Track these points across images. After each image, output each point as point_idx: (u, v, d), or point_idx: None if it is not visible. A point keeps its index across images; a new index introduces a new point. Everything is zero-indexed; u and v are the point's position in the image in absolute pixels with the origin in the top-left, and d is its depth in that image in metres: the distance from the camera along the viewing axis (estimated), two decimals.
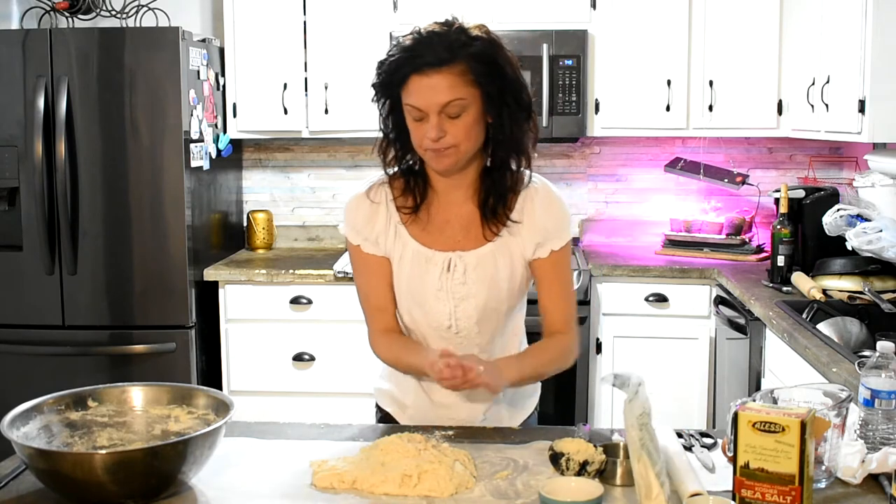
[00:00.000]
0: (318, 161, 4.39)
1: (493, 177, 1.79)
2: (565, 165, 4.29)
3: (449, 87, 1.65)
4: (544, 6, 3.86)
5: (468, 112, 1.68)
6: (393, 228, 1.81)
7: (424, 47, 1.65)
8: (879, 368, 1.55)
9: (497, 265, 1.79)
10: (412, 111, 1.68)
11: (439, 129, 1.66)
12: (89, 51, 3.53)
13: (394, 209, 1.81)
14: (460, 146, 1.70)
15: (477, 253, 1.79)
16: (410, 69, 1.65)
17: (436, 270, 1.79)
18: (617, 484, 1.47)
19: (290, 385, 3.79)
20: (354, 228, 1.83)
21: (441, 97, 1.65)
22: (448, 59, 1.64)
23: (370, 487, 1.46)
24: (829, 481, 1.47)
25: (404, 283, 1.82)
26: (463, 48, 1.66)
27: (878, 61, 2.91)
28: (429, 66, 1.64)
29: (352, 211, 1.84)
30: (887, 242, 2.92)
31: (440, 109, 1.65)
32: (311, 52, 3.94)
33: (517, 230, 1.80)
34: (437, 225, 1.81)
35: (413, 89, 1.66)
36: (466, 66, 1.65)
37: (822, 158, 4.15)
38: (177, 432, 1.60)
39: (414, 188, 1.80)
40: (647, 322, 3.70)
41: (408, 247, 1.80)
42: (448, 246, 1.80)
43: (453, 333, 1.82)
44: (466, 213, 1.81)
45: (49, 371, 3.58)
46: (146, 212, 3.59)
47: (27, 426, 1.51)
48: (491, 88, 1.68)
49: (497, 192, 1.78)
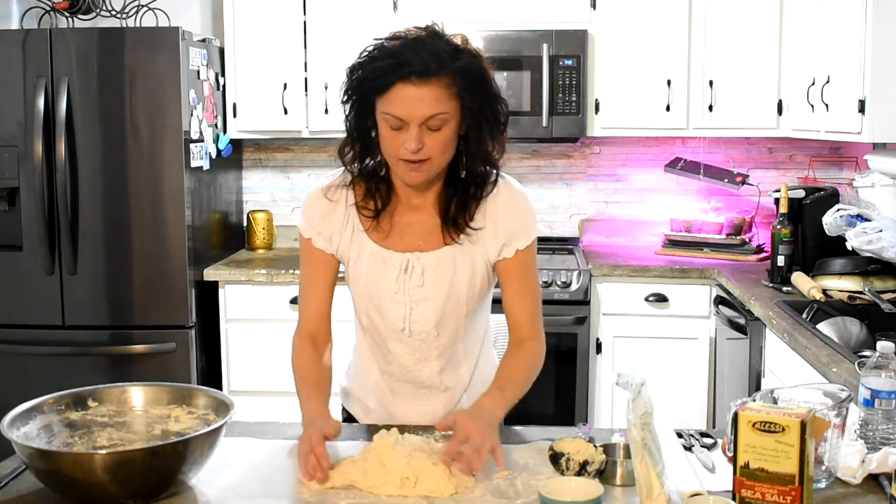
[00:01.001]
0: (318, 161, 4.39)
1: (456, 186, 1.75)
2: (565, 165, 4.30)
3: (435, 100, 1.60)
4: (544, 6, 3.86)
5: (448, 126, 1.64)
6: (350, 229, 1.78)
7: (412, 55, 1.59)
8: (879, 368, 1.55)
9: (457, 267, 1.76)
10: (390, 120, 1.62)
11: (419, 140, 1.61)
12: (89, 51, 3.53)
13: (353, 211, 1.78)
14: (434, 160, 1.66)
15: (436, 254, 1.76)
16: (396, 77, 1.58)
17: (393, 271, 1.76)
18: (617, 484, 1.47)
19: (290, 385, 3.74)
20: (309, 222, 1.80)
21: (426, 109, 1.60)
22: (436, 70, 1.59)
23: (371, 488, 1.46)
24: (829, 481, 1.47)
25: (362, 284, 1.79)
26: (450, 60, 1.61)
27: (878, 61, 2.91)
28: (417, 75, 1.58)
29: (309, 206, 1.81)
30: (887, 242, 2.92)
31: (423, 121, 1.61)
32: (311, 52, 3.94)
33: (479, 236, 1.77)
34: (397, 228, 1.78)
35: (396, 98, 1.60)
36: (451, 80, 1.61)
37: (822, 158, 4.15)
38: (177, 432, 1.60)
39: (376, 193, 1.77)
40: (647, 322, 3.70)
41: (365, 248, 1.78)
42: (407, 248, 1.77)
43: (407, 336, 1.80)
44: (428, 218, 1.78)
45: (49, 371, 3.58)
46: (146, 212, 3.59)
47: (27, 426, 1.51)
48: (472, 103, 1.64)
49: (460, 202, 1.75)
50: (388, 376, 1.87)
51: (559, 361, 3.65)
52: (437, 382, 1.85)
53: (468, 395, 1.87)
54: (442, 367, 1.84)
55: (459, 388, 1.88)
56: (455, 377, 1.87)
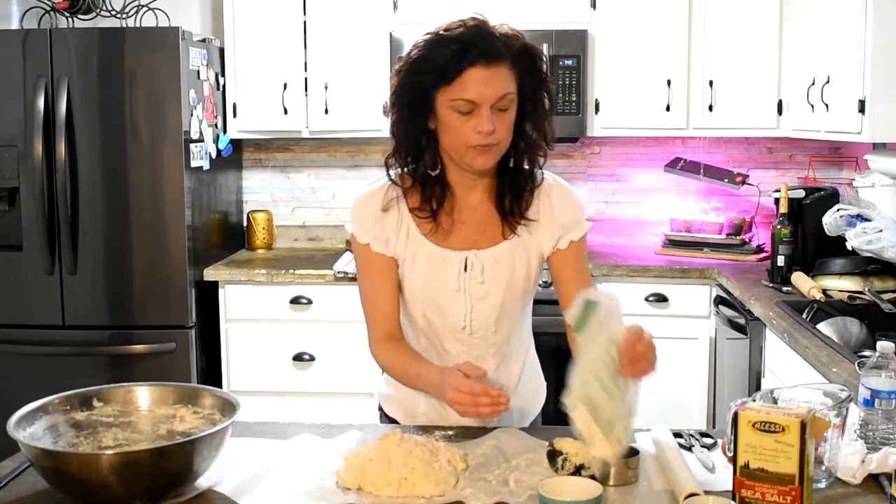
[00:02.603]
0: (318, 161, 4.39)
1: (509, 177, 1.78)
2: (565, 165, 4.29)
3: (504, 80, 1.65)
4: (544, 6, 3.86)
5: (513, 107, 1.68)
6: (405, 230, 1.78)
7: (478, 39, 1.63)
8: (879, 368, 1.55)
9: (514, 263, 1.78)
10: (462, 105, 1.64)
11: (492, 122, 1.64)
12: (89, 51, 3.53)
13: (407, 215, 1.78)
14: (502, 143, 1.69)
15: (494, 251, 1.78)
16: (466, 62, 1.62)
17: (453, 271, 1.76)
18: (611, 484, 1.47)
19: (290, 385, 3.79)
20: (363, 227, 1.79)
21: (499, 89, 1.64)
22: (504, 52, 1.64)
23: (372, 489, 1.46)
24: (829, 481, 1.47)
25: (419, 285, 1.78)
26: (510, 42, 1.66)
27: (878, 61, 2.91)
28: (486, 56, 1.62)
29: (361, 211, 1.79)
30: (887, 242, 2.92)
31: (494, 102, 1.64)
32: (311, 52, 3.93)
33: (534, 228, 1.80)
34: (453, 226, 1.79)
35: (467, 81, 1.62)
36: (512, 61, 1.66)
37: (822, 158, 4.15)
38: (182, 432, 1.59)
39: (431, 197, 1.77)
40: (647, 322, 3.60)
41: (422, 248, 1.77)
42: (464, 246, 1.78)
43: (467, 334, 1.80)
44: (483, 214, 1.80)
45: (49, 371, 3.58)
46: (146, 212, 3.59)
47: (33, 426, 1.51)
48: (531, 85, 1.69)
49: (514, 192, 1.78)
50: None
51: (559, 361, 3.61)
52: (491, 381, 1.83)
53: (517, 393, 1.87)
54: (497, 365, 1.85)
55: (512, 384, 1.88)
56: (508, 375, 1.87)
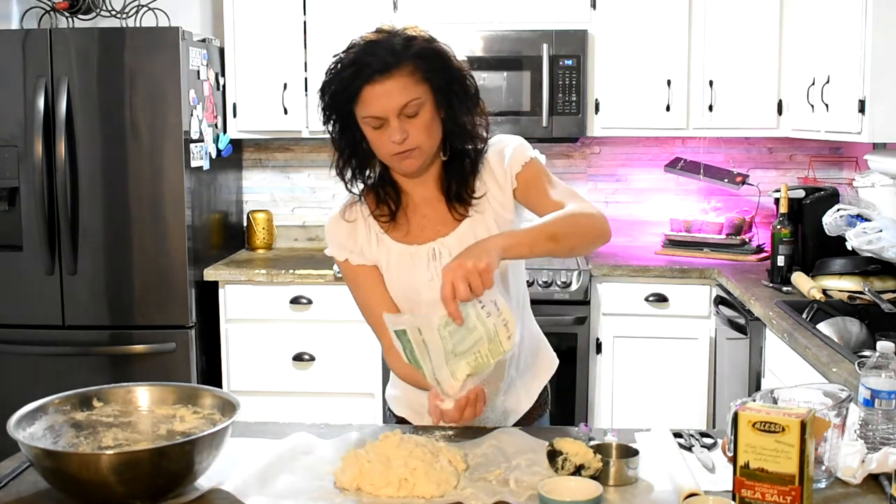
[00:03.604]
0: (318, 161, 4.39)
1: (453, 164, 1.82)
2: (565, 165, 4.30)
3: (402, 89, 1.67)
4: (544, 6, 3.86)
5: (424, 109, 1.71)
6: (374, 237, 1.84)
7: (369, 57, 1.67)
8: (879, 368, 1.55)
9: (477, 236, 1.78)
10: (371, 121, 1.70)
11: (402, 130, 1.69)
12: (89, 51, 3.53)
13: (372, 221, 1.84)
14: (423, 145, 1.72)
15: (456, 233, 1.81)
16: (361, 82, 1.67)
17: (422, 262, 1.81)
18: (610, 484, 1.47)
19: (290, 385, 3.79)
20: (339, 245, 1.86)
21: (397, 100, 1.67)
22: (394, 62, 1.67)
23: (372, 489, 1.46)
24: (829, 481, 1.47)
25: (396, 285, 1.83)
26: (405, 49, 1.69)
27: (878, 61, 2.92)
28: (378, 73, 1.66)
29: (332, 231, 1.87)
30: (887, 242, 2.92)
31: (398, 112, 1.68)
32: (311, 52, 3.94)
33: (485, 201, 1.82)
34: (415, 223, 1.84)
35: (367, 100, 1.68)
36: (413, 66, 1.68)
37: (822, 158, 4.15)
38: (182, 432, 1.59)
39: (386, 198, 1.83)
40: (647, 322, 3.70)
41: (392, 250, 1.83)
42: (430, 238, 1.83)
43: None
44: (439, 206, 1.84)
45: (49, 371, 3.58)
46: (146, 212, 3.59)
47: (33, 426, 1.51)
48: (439, 82, 1.71)
49: (458, 178, 1.81)
50: None
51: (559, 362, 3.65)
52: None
53: (517, 369, 1.91)
54: None
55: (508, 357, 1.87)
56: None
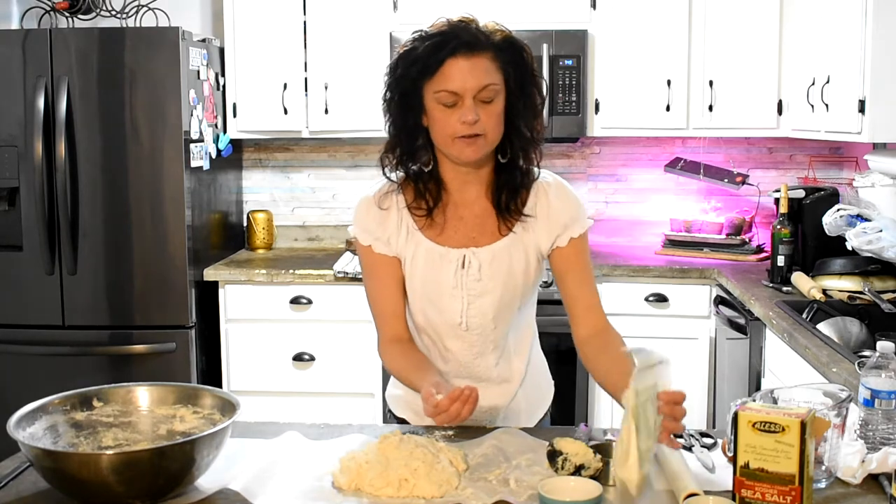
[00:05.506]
0: (318, 161, 4.39)
1: (505, 173, 1.79)
2: (565, 165, 4.29)
3: (485, 71, 1.67)
4: (544, 6, 3.86)
5: (499, 99, 1.70)
6: (405, 229, 1.80)
7: (459, 31, 1.67)
8: (879, 368, 1.55)
9: (512, 260, 1.79)
10: (445, 96, 1.67)
11: (474, 111, 1.66)
12: (89, 51, 3.53)
13: (406, 213, 1.81)
14: (490, 134, 1.70)
15: (492, 248, 1.79)
16: (446, 54, 1.65)
17: (450, 268, 1.78)
18: (610, 485, 1.47)
19: (290, 385, 3.79)
20: (365, 230, 1.82)
21: (480, 79, 1.66)
22: (482, 42, 1.67)
23: (372, 489, 1.46)
24: (829, 481, 1.47)
25: (418, 283, 1.81)
26: (491, 35, 1.70)
27: (878, 61, 2.91)
28: (465, 47, 1.66)
29: (362, 213, 1.83)
30: (887, 242, 2.92)
31: (476, 93, 1.66)
32: (311, 52, 3.94)
33: (531, 225, 1.80)
34: (450, 224, 1.81)
35: (448, 73, 1.66)
36: (495, 53, 1.69)
37: (822, 158, 4.15)
38: (182, 432, 1.59)
39: (425, 192, 1.79)
40: (647, 322, 3.70)
41: (421, 245, 1.80)
42: (462, 243, 1.80)
43: (464, 331, 1.82)
44: (480, 211, 1.81)
45: (49, 371, 3.58)
46: (146, 212, 3.59)
47: (33, 426, 1.51)
48: (515, 79, 1.71)
49: (510, 188, 1.79)
50: (446, 375, 1.86)
51: (559, 361, 3.61)
52: (493, 375, 1.87)
53: (524, 389, 1.90)
54: (497, 360, 1.86)
55: (516, 379, 1.90)
56: (509, 369, 1.89)
